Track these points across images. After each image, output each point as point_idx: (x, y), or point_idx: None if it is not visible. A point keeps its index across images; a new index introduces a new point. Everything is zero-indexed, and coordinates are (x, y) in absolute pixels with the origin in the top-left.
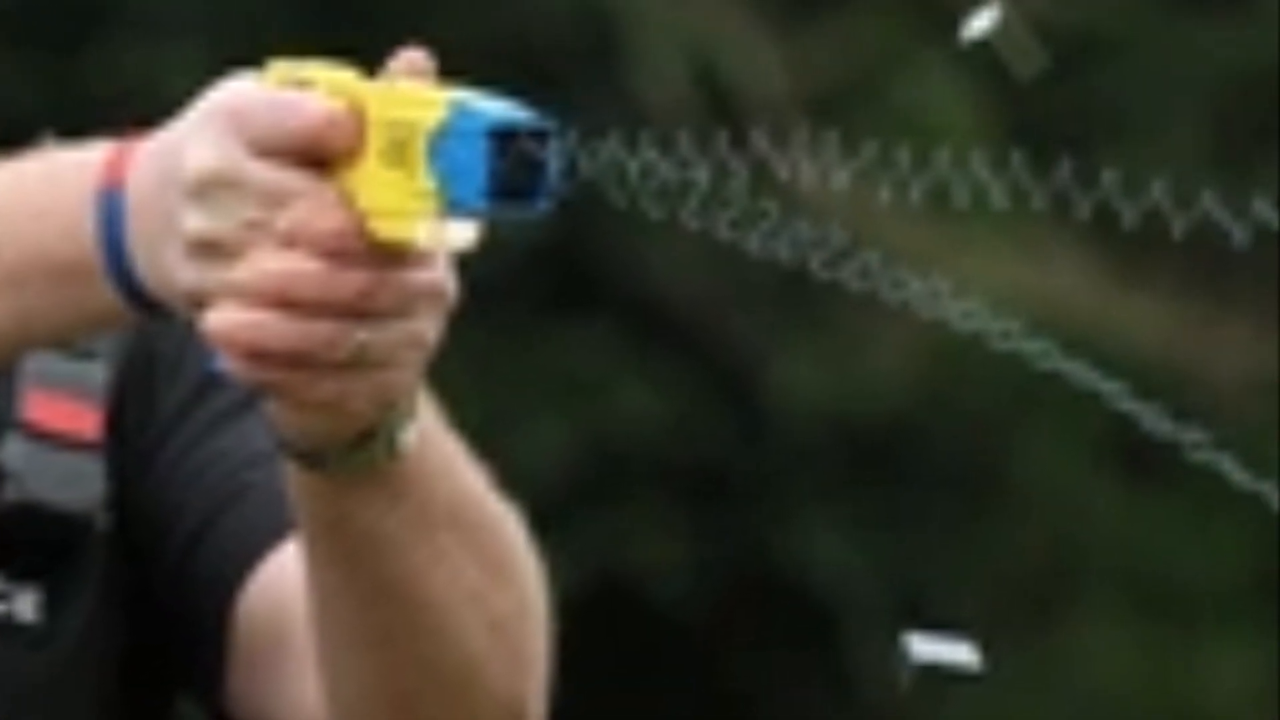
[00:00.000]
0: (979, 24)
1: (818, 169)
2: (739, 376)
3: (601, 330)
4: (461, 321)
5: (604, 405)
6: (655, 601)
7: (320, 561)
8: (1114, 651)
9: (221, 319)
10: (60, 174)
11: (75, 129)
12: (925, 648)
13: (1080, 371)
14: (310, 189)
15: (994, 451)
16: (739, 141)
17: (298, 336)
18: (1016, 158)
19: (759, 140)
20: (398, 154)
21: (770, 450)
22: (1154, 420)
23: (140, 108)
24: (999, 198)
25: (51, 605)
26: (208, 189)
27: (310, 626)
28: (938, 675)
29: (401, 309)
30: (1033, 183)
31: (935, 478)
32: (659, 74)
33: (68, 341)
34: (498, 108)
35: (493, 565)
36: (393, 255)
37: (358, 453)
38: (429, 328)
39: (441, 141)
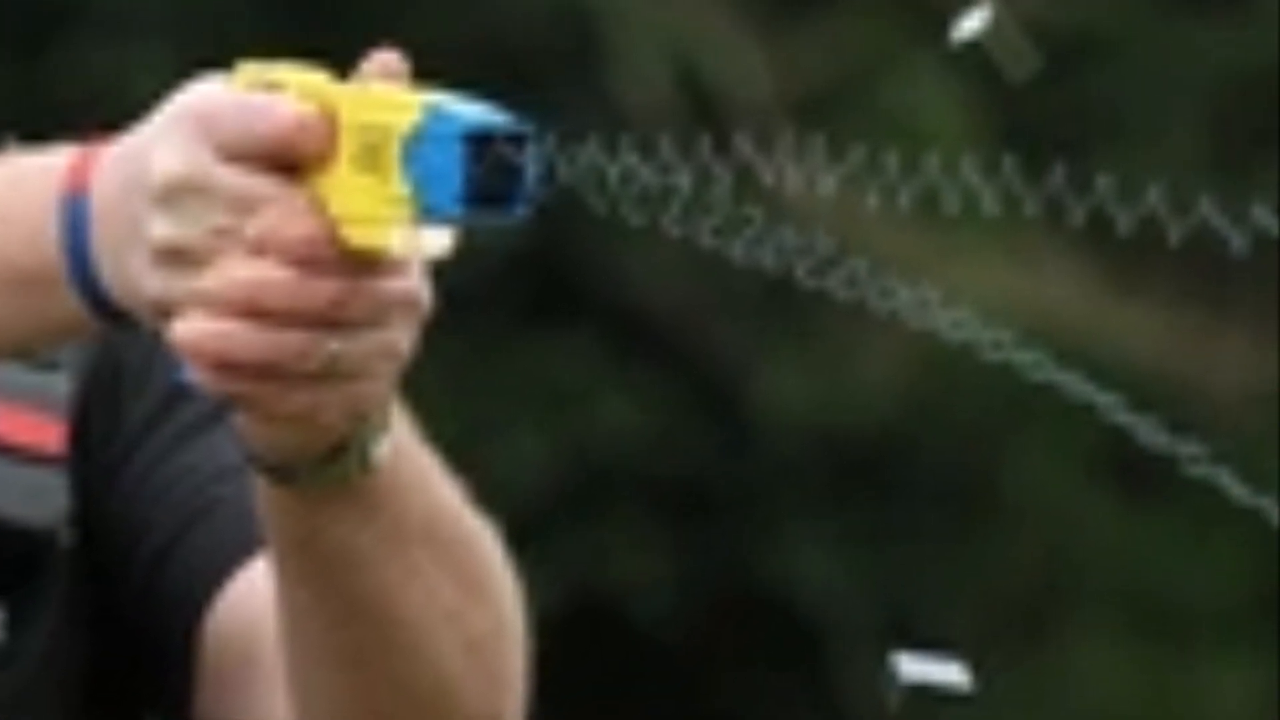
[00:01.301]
0: (970, 25)
1: (803, 174)
2: (722, 387)
3: (581, 340)
4: (436, 331)
5: (584, 417)
6: (636, 619)
7: (291, 578)
8: (1109, 671)
9: (189, 329)
10: (23, 179)
11: (39, 133)
12: (914, 667)
13: (1074, 383)
14: (280, 195)
15: (985, 465)
16: (722, 146)
17: (267, 347)
18: (1008, 163)
19: (743, 145)
20: (371, 159)
21: (755, 463)
22: (1150, 433)
23: (105, 111)
24: (990, 204)
25: (14, 623)
26: (175, 195)
27: (280, 645)
28: (927, 696)
29: (374, 318)
30: (1025, 188)
31: (925, 492)
32: (640, 76)
33: (30, 352)
34: (473, 111)
35: (469, 582)
36: (365, 263)
37: (329, 466)
38: (403, 338)
39: (416, 146)
